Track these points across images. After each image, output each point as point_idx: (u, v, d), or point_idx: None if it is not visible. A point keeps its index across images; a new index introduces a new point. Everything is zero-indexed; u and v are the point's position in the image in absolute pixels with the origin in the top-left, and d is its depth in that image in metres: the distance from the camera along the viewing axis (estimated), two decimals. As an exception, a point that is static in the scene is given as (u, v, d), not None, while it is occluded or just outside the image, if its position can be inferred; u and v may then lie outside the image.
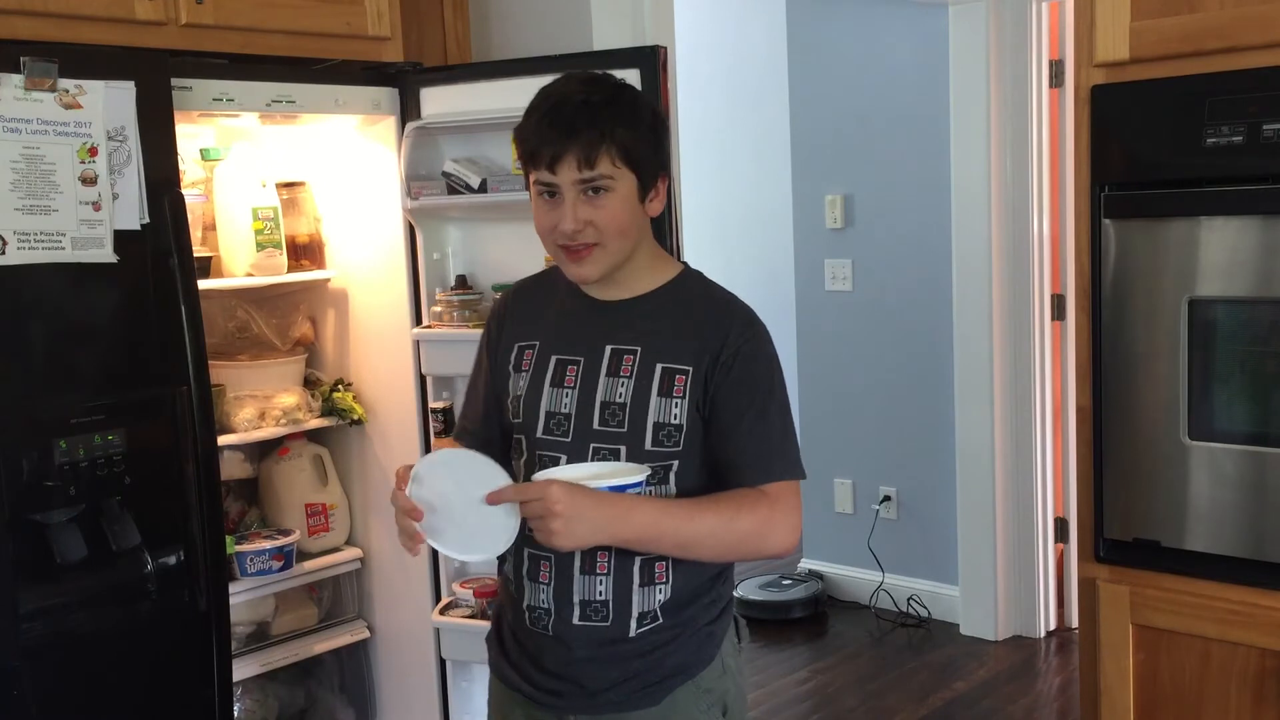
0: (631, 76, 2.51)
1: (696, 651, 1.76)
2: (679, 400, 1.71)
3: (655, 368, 1.72)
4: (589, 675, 1.74)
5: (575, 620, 1.73)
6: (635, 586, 1.72)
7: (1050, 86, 4.14)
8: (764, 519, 1.68)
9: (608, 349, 1.76)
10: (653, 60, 2.51)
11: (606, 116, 1.69)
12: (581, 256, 1.72)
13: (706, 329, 1.73)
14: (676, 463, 1.72)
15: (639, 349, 1.74)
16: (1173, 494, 2.05)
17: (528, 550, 1.75)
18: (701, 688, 1.76)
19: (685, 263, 1.86)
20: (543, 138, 1.68)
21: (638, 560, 1.72)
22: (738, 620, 1.91)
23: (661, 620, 1.73)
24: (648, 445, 1.71)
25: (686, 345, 1.73)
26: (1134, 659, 2.12)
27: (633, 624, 1.73)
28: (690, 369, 1.71)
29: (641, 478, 1.66)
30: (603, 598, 1.72)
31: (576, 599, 1.73)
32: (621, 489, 1.63)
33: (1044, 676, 4.04)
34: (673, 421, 1.72)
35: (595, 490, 1.61)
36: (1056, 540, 4.37)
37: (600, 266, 1.74)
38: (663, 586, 1.73)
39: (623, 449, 1.72)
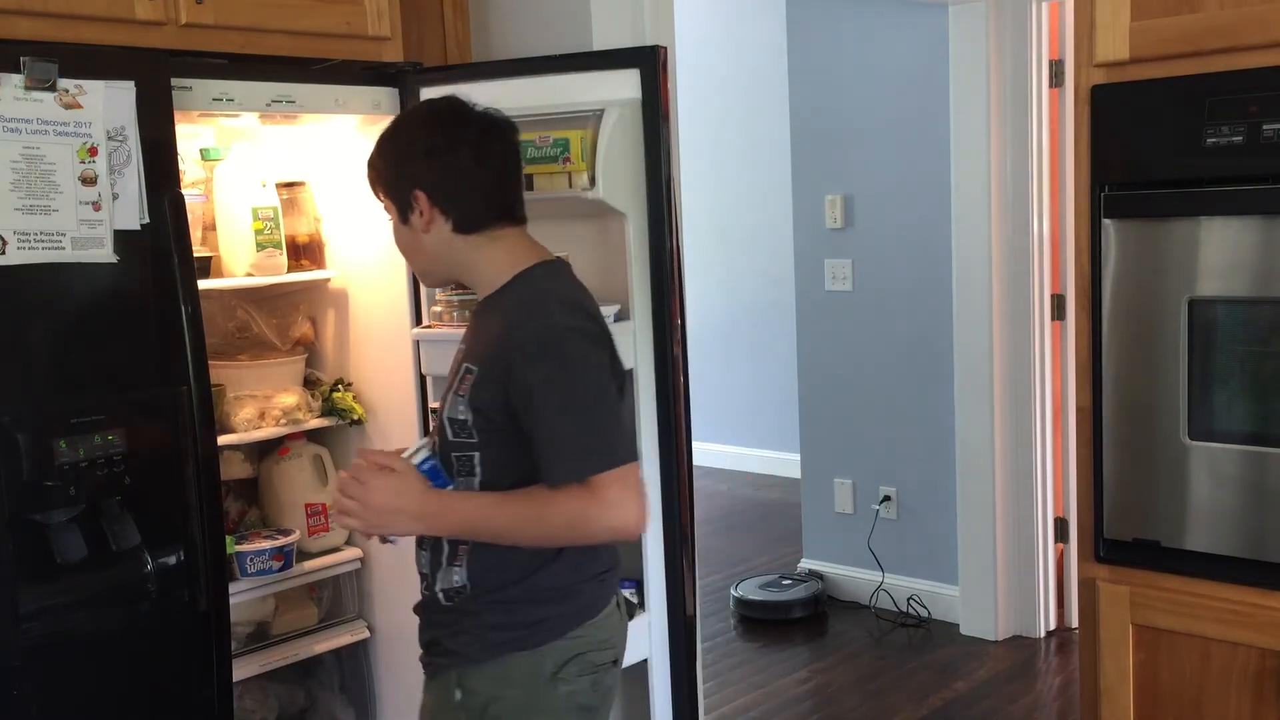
0: (631, 76, 2.52)
1: (469, 646, 1.88)
2: (463, 397, 1.87)
3: (461, 366, 1.90)
4: (420, 635, 2.00)
5: (419, 589, 1.99)
6: (443, 564, 1.92)
7: (1050, 86, 4.14)
8: (580, 508, 1.79)
9: (460, 348, 1.97)
10: (653, 60, 2.51)
11: (371, 157, 1.97)
12: None
13: (497, 334, 1.86)
14: (477, 454, 1.87)
15: (463, 348, 1.95)
16: (1173, 494, 2.06)
17: None
18: (457, 682, 1.88)
19: (539, 262, 1.94)
20: None
21: (446, 541, 1.91)
22: (574, 659, 1.89)
23: (455, 603, 1.91)
24: (450, 437, 1.90)
25: (482, 346, 1.89)
26: (1134, 659, 2.12)
27: (441, 597, 1.93)
28: (478, 369, 1.86)
29: (417, 447, 1.92)
30: (425, 570, 1.96)
31: (417, 569, 1.98)
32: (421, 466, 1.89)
33: (1044, 676, 4.04)
34: (459, 417, 1.88)
35: (423, 488, 1.87)
36: (1056, 540, 4.37)
37: (422, 281, 2.07)
38: (458, 570, 1.90)
39: (437, 441, 1.94)
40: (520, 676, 1.86)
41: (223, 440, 2.63)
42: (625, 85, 2.52)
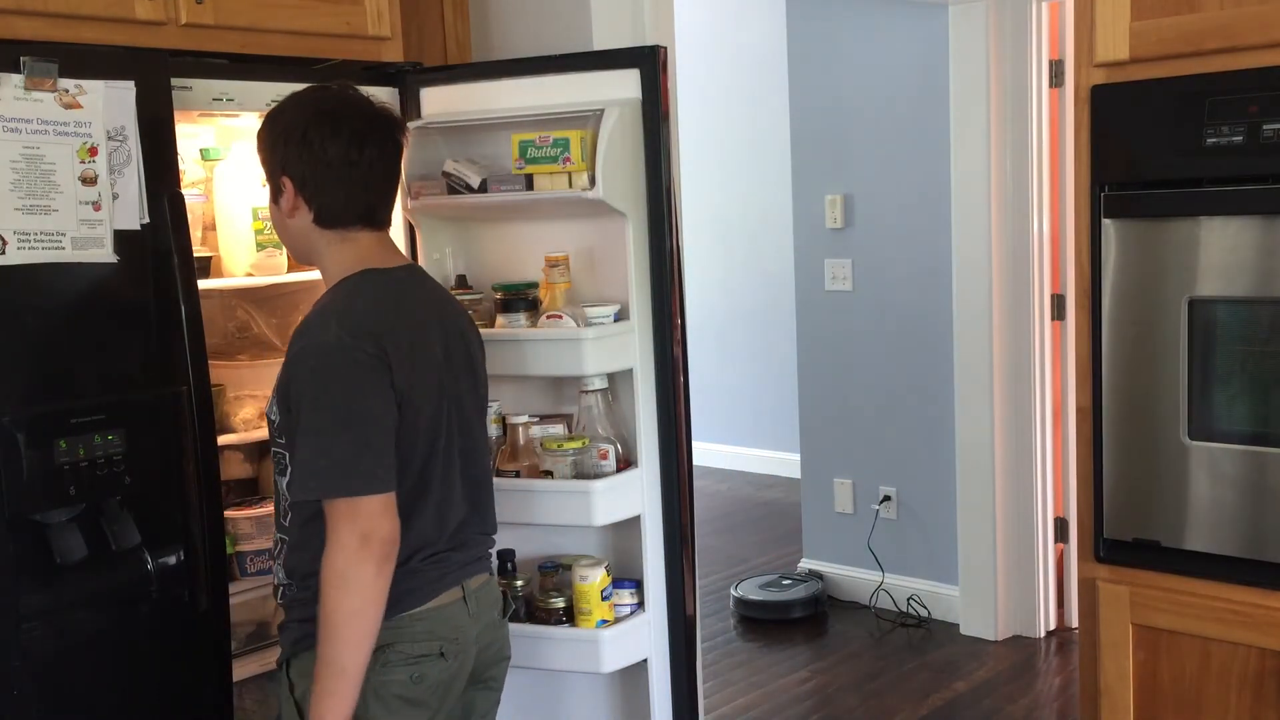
0: (631, 76, 2.52)
1: (289, 638, 1.96)
2: (273, 397, 1.93)
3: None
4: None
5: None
6: (275, 560, 2.00)
7: (1050, 86, 4.14)
8: (328, 547, 1.80)
9: None
10: (653, 60, 2.51)
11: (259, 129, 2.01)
12: None
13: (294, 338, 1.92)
14: (287, 454, 1.89)
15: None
16: (1173, 494, 2.06)
17: None
18: (285, 673, 1.95)
19: (363, 270, 1.97)
20: None
21: (275, 538, 2.00)
22: (380, 650, 1.93)
23: (284, 598, 1.98)
24: (270, 434, 1.97)
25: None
26: (1134, 659, 2.12)
27: (277, 593, 2.01)
28: (281, 370, 1.91)
29: None
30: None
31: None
32: None
33: (1044, 676, 4.04)
34: (271, 416, 1.95)
35: None
36: (1056, 540, 4.37)
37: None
38: (280, 566, 1.98)
39: None
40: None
41: (223, 440, 2.63)
42: (625, 85, 2.52)
